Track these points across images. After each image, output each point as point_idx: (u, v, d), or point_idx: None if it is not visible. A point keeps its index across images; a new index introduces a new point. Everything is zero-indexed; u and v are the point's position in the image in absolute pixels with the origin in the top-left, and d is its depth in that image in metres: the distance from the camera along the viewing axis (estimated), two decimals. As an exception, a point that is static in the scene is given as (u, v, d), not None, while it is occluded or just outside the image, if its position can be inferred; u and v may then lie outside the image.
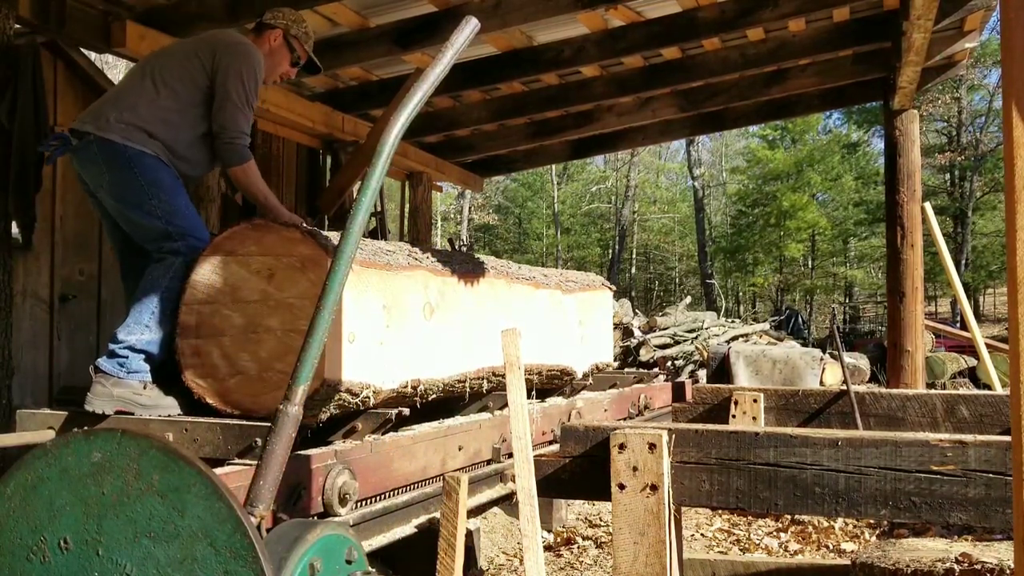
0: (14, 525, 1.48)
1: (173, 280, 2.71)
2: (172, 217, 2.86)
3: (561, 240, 35.25)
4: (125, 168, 2.87)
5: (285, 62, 3.33)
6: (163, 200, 2.87)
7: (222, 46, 3.05)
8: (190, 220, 2.90)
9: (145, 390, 2.60)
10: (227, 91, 2.98)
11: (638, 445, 1.97)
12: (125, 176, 2.88)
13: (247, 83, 3.01)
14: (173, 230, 2.83)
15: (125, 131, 2.90)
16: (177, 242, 2.82)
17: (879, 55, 6.33)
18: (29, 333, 4.90)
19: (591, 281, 4.14)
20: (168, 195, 2.89)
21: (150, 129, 2.93)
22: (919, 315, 6.25)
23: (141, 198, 2.87)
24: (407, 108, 1.75)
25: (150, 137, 2.92)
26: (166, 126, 2.96)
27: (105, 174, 2.91)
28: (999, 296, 29.71)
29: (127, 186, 2.88)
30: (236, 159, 3.04)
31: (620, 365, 10.56)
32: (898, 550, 3.04)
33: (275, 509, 1.84)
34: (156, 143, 2.93)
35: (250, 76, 3.02)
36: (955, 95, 26.74)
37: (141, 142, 2.90)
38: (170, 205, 2.88)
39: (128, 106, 2.95)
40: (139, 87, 3.01)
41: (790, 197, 27.88)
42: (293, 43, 3.32)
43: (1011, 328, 1.37)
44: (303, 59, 3.39)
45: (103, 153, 2.89)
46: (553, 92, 7.00)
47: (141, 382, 2.61)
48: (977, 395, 3.40)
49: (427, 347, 2.70)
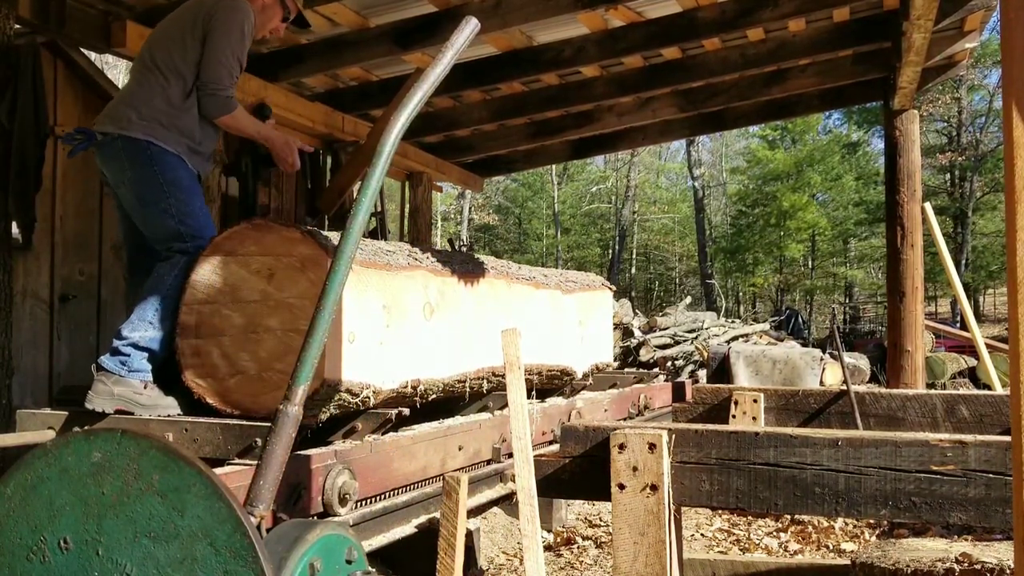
0: (14, 525, 1.48)
1: (177, 279, 2.71)
2: (186, 217, 2.88)
3: (561, 240, 35.25)
4: (147, 165, 2.90)
5: (276, 17, 3.31)
6: (180, 200, 2.89)
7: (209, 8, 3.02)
8: (202, 221, 2.92)
9: (146, 390, 2.59)
10: (212, 45, 2.97)
11: (638, 445, 1.97)
12: (146, 173, 2.90)
13: (233, 38, 2.99)
14: (185, 230, 2.85)
15: (147, 128, 2.92)
16: (187, 242, 2.83)
17: (879, 55, 6.33)
18: (29, 333, 4.90)
19: (591, 281, 4.14)
20: (185, 195, 2.92)
21: (169, 121, 2.95)
22: (919, 315, 6.25)
23: (159, 196, 2.89)
24: (407, 108, 1.75)
25: (171, 130, 2.95)
26: (182, 114, 2.98)
27: (127, 170, 2.93)
28: (999, 296, 29.71)
29: (147, 184, 2.91)
30: (220, 109, 3.03)
31: (620, 365, 10.56)
32: (898, 550, 3.04)
33: (275, 509, 1.84)
34: (176, 136, 2.96)
35: (235, 30, 3.00)
36: (955, 95, 26.74)
37: (163, 139, 2.93)
38: (186, 206, 2.90)
39: (144, 101, 2.96)
40: (149, 81, 3.01)
41: (790, 197, 27.88)
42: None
43: (1011, 328, 1.36)
44: (293, 14, 3.38)
45: (127, 150, 2.92)
46: (553, 92, 7.00)
47: (142, 382, 2.61)
48: (977, 395, 3.39)
49: (427, 347, 2.70)
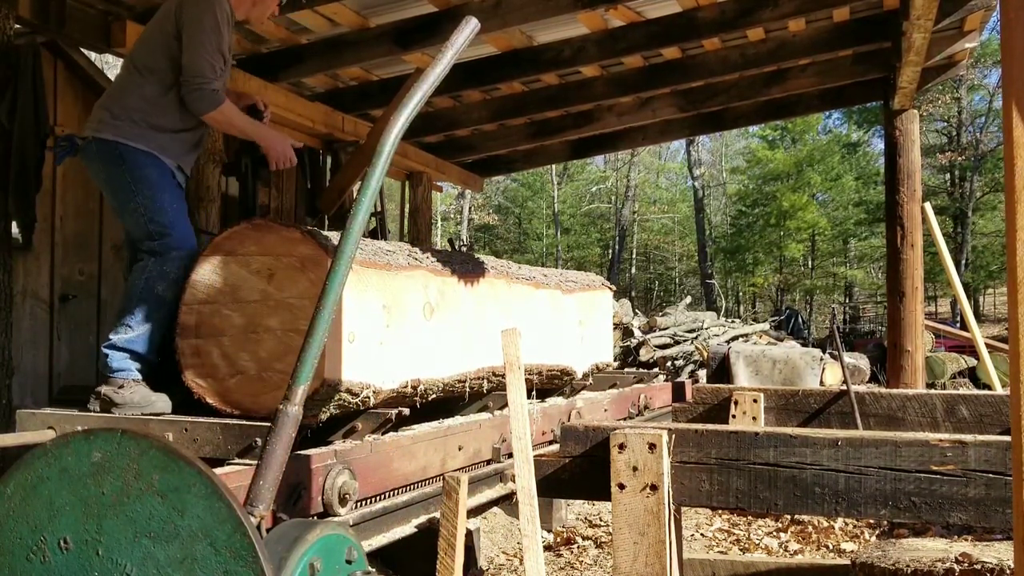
0: (14, 525, 1.48)
1: (149, 281, 2.71)
2: (154, 214, 2.82)
3: (561, 240, 35.25)
4: (116, 165, 2.87)
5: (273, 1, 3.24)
6: (147, 197, 2.84)
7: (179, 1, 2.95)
8: (170, 217, 2.85)
9: (122, 389, 2.62)
10: (187, 40, 2.89)
11: (638, 445, 1.97)
12: (115, 172, 2.88)
13: (206, 29, 2.89)
14: (153, 228, 2.80)
15: (117, 127, 2.88)
16: (155, 241, 2.79)
17: (879, 55, 6.33)
18: (29, 333, 4.90)
19: (591, 281, 4.14)
20: (154, 192, 2.85)
21: (142, 118, 2.89)
22: (919, 315, 6.25)
23: (129, 195, 2.86)
24: (407, 108, 1.75)
25: (142, 127, 2.89)
26: (159, 110, 2.93)
27: (102, 172, 2.92)
28: (999, 296, 29.71)
29: (118, 183, 2.88)
30: (206, 105, 2.93)
31: (620, 365, 10.57)
32: (898, 550, 3.04)
33: (275, 509, 1.84)
34: (150, 133, 2.90)
35: (207, 21, 2.90)
36: (955, 95, 26.75)
37: (133, 137, 2.88)
38: (154, 202, 2.84)
39: (117, 101, 2.94)
40: (126, 79, 2.99)
41: (790, 197, 27.89)
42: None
43: (1011, 328, 1.37)
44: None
45: (100, 152, 2.90)
46: (553, 92, 6.99)
47: (122, 381, 2.64)
48: (977, 395, 3.39)
49: (427, 347, 2.70)
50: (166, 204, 2.86)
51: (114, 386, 2.62)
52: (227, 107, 2.98)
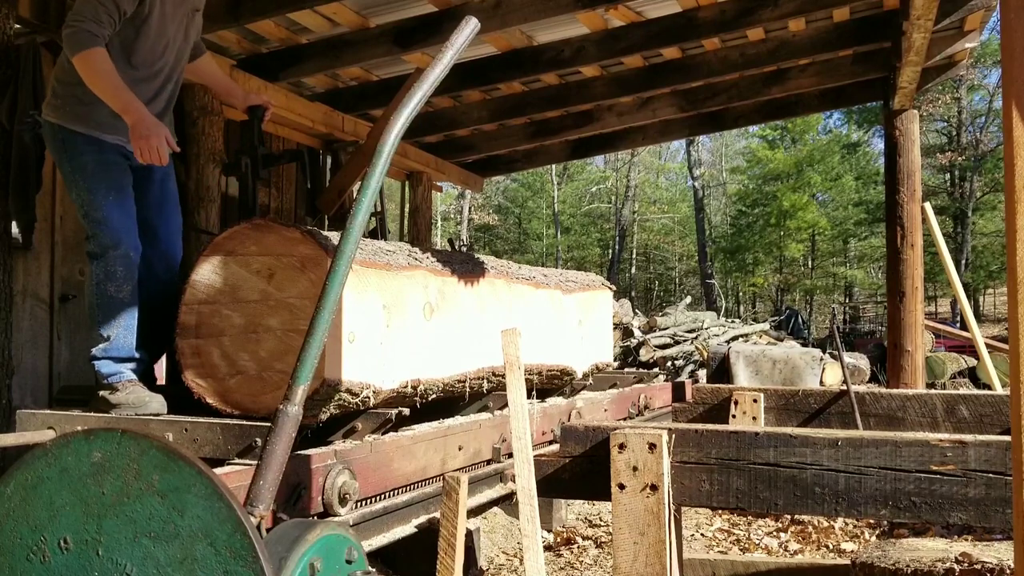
0: (14, 525, 1.48)
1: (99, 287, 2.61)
2: (88, 209, 2.62)
3: (561, 240, 35.27)
4: (59, 151, 2.72)
5: None
6: (83, 188, 2.62)
7: None
8: (104, 213, 2.61)
9: (117, 391, 2.63)
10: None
11: (638, 445, 1.97)
12: (59, 159, 2.71)
13: None
14: (87, 226, 2.62)
15: (57, 109, 2.70)
16: (90, 242, 2.62)
17: (879, 55, 6.33)
18: (29, 333, 4.90)
19: (591, 281, 4.14)
20: (88, 182, 2.61)
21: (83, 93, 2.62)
22: (919, 315, 6.25)
23: (70, 185, 2.67)
24: (407, 108, 1.75)
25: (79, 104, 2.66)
26: None
27: (54, 159, 2.77)
28: (999, 296, 29.71)
29: (64, 173, 2.70)
30: (73, 45, 2.55)
31: (620, 365, 10.57)
32: (898, 550, 3.04)
33: (275, 509, 1.84)
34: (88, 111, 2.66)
35: None
36: (955, 95, 26.78)
37: (72, 119, 2.67)
38: (89, 195, 2.61)
39: (57, 78, 2.74)
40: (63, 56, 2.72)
41: (790, 197, 27.91)
42: None
43: (1011, 328, 1.37)
44: None
45: (49, 136, 2.75)
46: (553, 92, 7.00)
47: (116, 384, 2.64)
48: (977, 395, 3.40)
49: (427, 347, 2.70)
50: (99, 198, 2.62)
51: (109, 389, 2.63)
52: (97, 55, 2.54)
